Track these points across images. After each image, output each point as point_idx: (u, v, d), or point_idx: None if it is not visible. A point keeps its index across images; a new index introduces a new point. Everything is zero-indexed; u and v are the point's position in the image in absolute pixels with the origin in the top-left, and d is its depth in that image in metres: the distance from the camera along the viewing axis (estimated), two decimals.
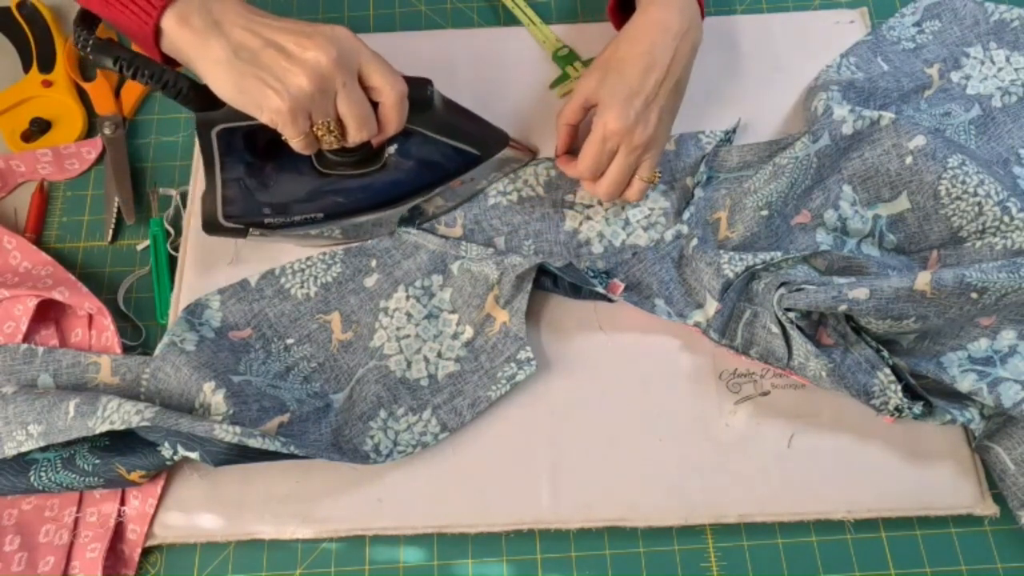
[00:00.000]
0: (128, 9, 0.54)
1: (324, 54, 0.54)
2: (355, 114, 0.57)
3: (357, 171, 0.67)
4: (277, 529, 0.62)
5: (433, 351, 0.67)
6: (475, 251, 0.68)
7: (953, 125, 0.73)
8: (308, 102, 0.55)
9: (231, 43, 0.54)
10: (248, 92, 0.54)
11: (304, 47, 0.54)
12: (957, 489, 0.62)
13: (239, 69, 0.54)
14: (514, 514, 0.62)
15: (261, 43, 0.54)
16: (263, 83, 0.54)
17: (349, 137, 0.58)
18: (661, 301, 0.67)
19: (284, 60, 0.54)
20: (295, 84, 0.54)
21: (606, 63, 0.66)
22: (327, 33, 0.55)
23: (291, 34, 0.55)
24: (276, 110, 0.55)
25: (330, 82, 0.55)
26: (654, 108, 0.65)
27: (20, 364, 0.64)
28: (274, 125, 0.56)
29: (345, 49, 0.55)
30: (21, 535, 0.61)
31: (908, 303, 0.59)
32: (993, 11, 0.79)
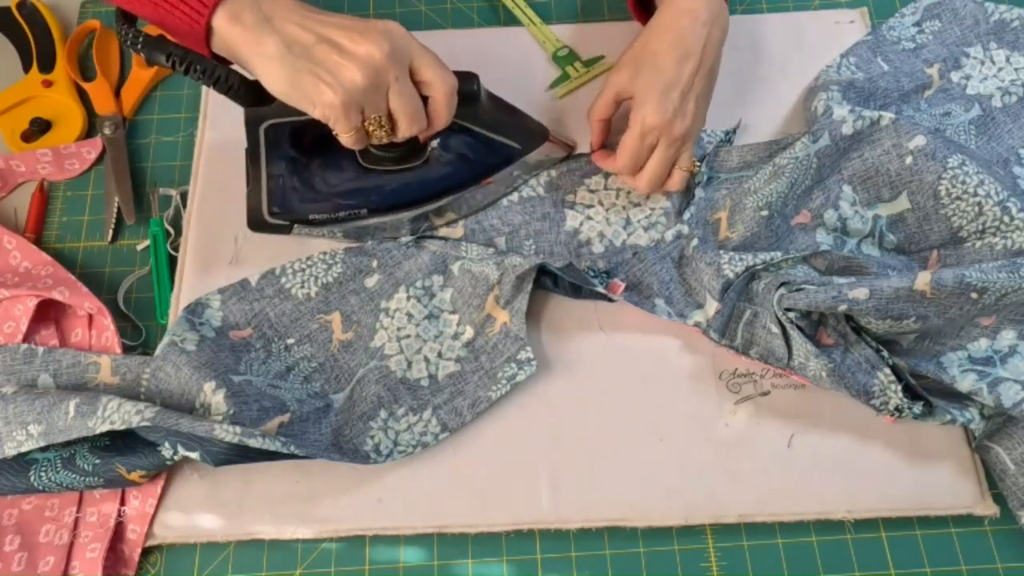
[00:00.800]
0: (178, 9, 0.55)
1: (377, 49, 0.54)
2: (406, 109, 0.57)
3: (401, 166, 0.67)
4: (277, 529, 0.62)
5: (433, 351, 0.67)
6: (475, 251, 0.68)
7: (953, 125, 0.73)
8: (361, 97, 0.55)
9: (284, 39, 0.54)
10: (301, 87, 0.55)
11: (357, 42, 0.54)
12: (957, 489, 0.62)
13: (292, 64, 0.54)
14: (514, 514, 0.62)
15: (314, 38, 0.55)
16: (316, 78, 0.54)
17: (399, 132, 0.59)
18: (661, 301, 0.67)
19: (337, 55, 0.54)
20: (348, 79, 0.54)
21: (637, 57, 0.66)
22: (380, 28, 0.55)
23: (343, 29, 0.55)
24: (329, 104, 0.55)
25: (383, 77, 0.55)
26: (690, 98, 0.65)
27: (20, 364, 0.64)
28: (326, 120, 0.56)
29: (397, 44, 0.56)
30: (21, 535, 0.61)
31: (908, 303, 0.59)
32: (993, 11, 0.79)
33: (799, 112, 0.76)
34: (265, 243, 0.71)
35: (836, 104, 0.68)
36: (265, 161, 0.64)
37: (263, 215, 0.66)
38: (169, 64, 0.56)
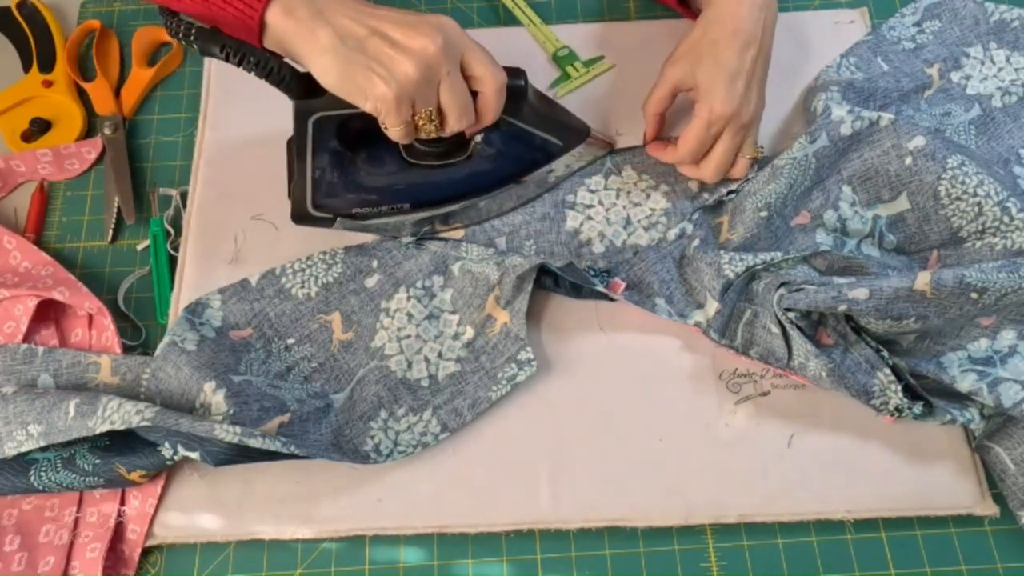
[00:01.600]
0: (231, 6, 0.55)
1: (431, 42, 0.55)
2: (456, 104, 0.57)
3: (444, 161, 0.67)
4: (277, 529, 0.62)
5: (434, 351, 0.67)
6: (476, 252, 0.68)
7: (953, 125, 0.73)
8: (413, 90, 0.55)
9: (337, 31, 0.55)
10: (354, 79, 0.55)
11: (410, 36, 0.55)
12: (957, 489, 0.62)
13: (345, 57, 0.54)
14: (514, 514, 0.62)
15: (367, 31, 0.55)
16: (369, 71, 0.54)
17: (448, 126, 0.59)
18: (662, 300, 0.67)
19: (390, 48, 0.55)
20: (401, 71, 0.54)
21: (694, 48, 0.66)
22: (432, 22, 0.56)
23: (397, 23, 0.55)
24: (381, 97, 0.55)
25: (435, 70, 0.55)
26: (753, 85, 0.66)
27: (20, 364, 0.64)
28: (377, 113, 0.56)
29: (450, 37, 0.56)
30: (21, 535, 0.61)
31: (908, 303, 0.59)
32: (993, 11, 0.79)
33: (799, 112, 0.76)
34: (265, 243, 0.71)
35: (835, 104, 0.68)
36: (311, 154, 0.64)
37: (307, 208, 0.66)
38: (223, 56, 0.56)
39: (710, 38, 0.66)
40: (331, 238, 0.71)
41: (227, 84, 0.78)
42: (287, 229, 0.72)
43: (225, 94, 0.78)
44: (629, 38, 0.81)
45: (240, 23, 0.56)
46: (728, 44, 0.65)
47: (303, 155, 0.64)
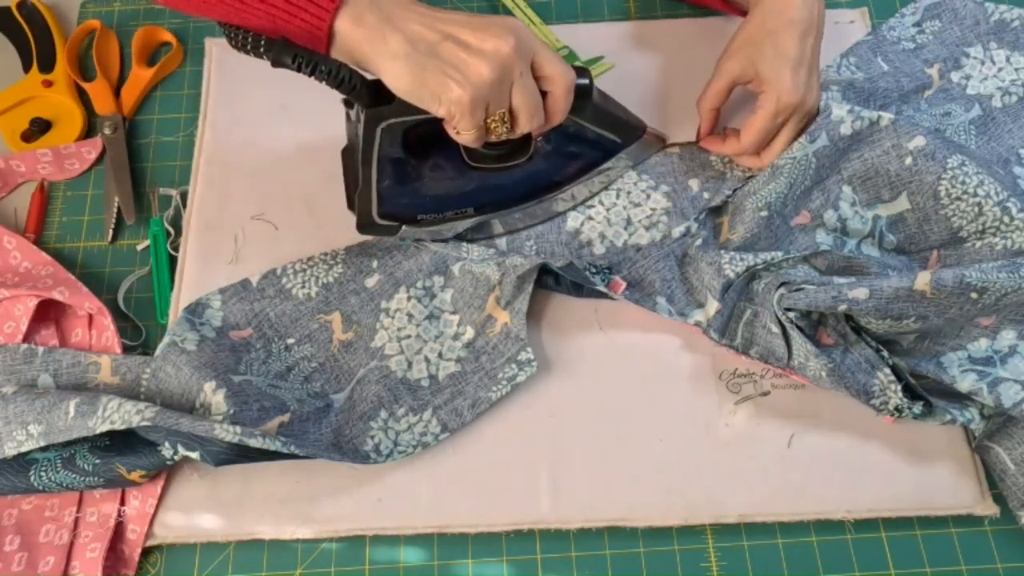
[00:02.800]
0: (297, 18, 0.55)
1: (504, 43, 0.54)
2: (528, 104, 0.57)
3: (506, 164, 0.67)
4: (277, 529, 0.62)
5: (434, 352, 0.67)
6: (476, 252, 0.68)
7: (953, 125, 0.73)
8: (488, 92, 0.55)
9: (408, 37, 0.55)
10: (427, 84, 0.55)
11: (482, 38, 0.55)
12: (957, 489, 0.62)
13: (418, 62, 0.54)
14: (514, 514, 0.62)
15: (438, 36, 0.55)
16: (443, 75, 0.54)
17: (519, 127, 0.59)
18: (662, 299, 0.67)
19: (463, 52, 0.54)
20: (476, 74, 0.54)
21: (753, 40, 0.67)
22: (503, 23, 0.56)
23: (467, 26, 0.55)
24: (456, 101, 0.55)
25: (509, 72, 0.55)
26: (813, 72, 0.67)
27: (20, 364, 0.64)
28: (450, 117, 0.56)
29: (521, 38, 0.56)
30: (21, 535, 0.61)
31: (908, 303, 0.59)
32: (993, 11, 0.79)
33: None
34: (265, 243, 0.71)
35: (835, 104, 0.68)
36: (377, 162, 0.63)
37: (373, 217, 0.66)
38: (294, 66, 0.55)
39: (769, 29, 0.66)
40: (331, 238, 0.71)
41: (227, 84, 0.78)
42: (287, 229, 0.72)
43: (225, 94, 0.78)
44: (629, 38, 0.81)
45: (308, 33, 0.55)
46: (788, 33, 0.65)
47: (369, 163, 0.63)
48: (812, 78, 0.67)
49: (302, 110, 0.77)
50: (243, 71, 0.79)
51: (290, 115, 0.77)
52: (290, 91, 0.78)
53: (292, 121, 0.77)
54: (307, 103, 0.77)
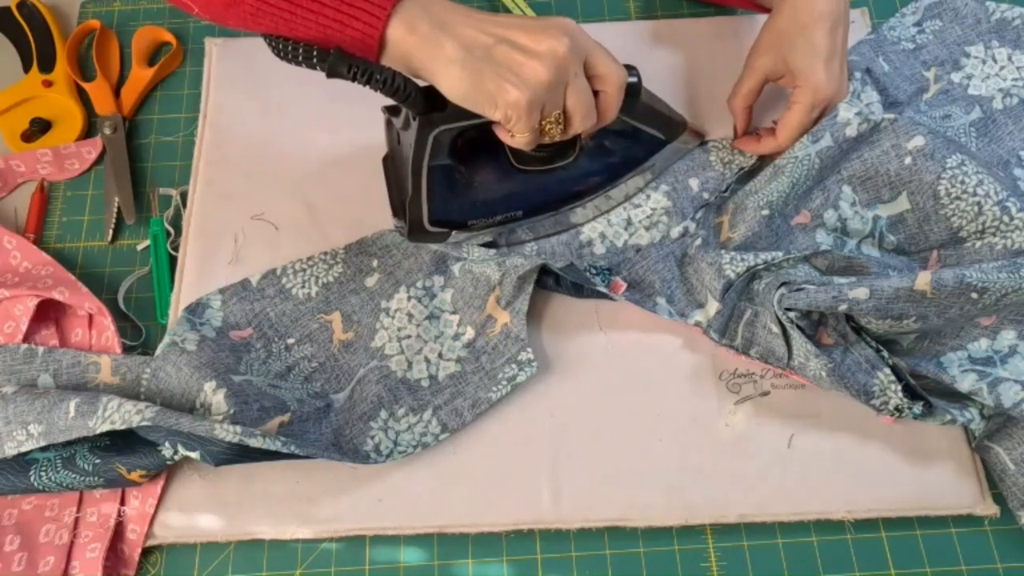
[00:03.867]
0: (349, 27, 0.54)
1: (559, 44, 0.54)
2: (582, 105, 0.57)
3: (552, 165, 0.67)
4: (277, 529, 0.62)
5: (434, 352, 0.67)
6: (476, 252, 0.68)
7: (954, 128, 0.73)
8: (545, 93, 0.55)
9: (463, 42, 0.54)
10: (483, 88, 0.54)
11: (538, 40, 0.54)
12: (957, 489, 0.62)
13: (474, 67, 0.54)
14: (514, 514, 0.62)
15: (493, 39, 0.55)
16: (500, 78, 0.54)
17: (572, 128, 0.59)
18: (663, 300, 0.67)
19: (519, 54, 0.54)
20: (532, 76, 0.54)
21: (782, 35, 0.67)
22: (557, 24, 0.56)
23: (521, 28, 0.55)
24: (514, 103, 0.54)
25: (565, 72, 0.55)
26: (843, 64, 0.68)
27: (20, 364, 0.64)
28: (507, 120, 0.56)
29: (575, 38, 0.56)
30: (21, 535, 0.61)
31: (908, 303, 0.59)
32: (994, 10, 0.79)
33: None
34: (265, 243, 0.71)
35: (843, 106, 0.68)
36: (427, 169, 0.63)
37: (424, 224, 0.66)
38: (350, 76, 0.55)
39: (799, 23, 0.66)
40: (331, 238, 0.71)
41: (227, 84, 0.78)
42: (287, 229, 0.72)
43: (225, 95, 0.78)
44: (629, 38, 0.80)
45: (359, 42, 0.55)
46: (818, 26, 0.65)
47: (419, 170, 0.63)
48: (843, 69, 0.67)
49: (302, 110, 0.77)
50: (243, 71, 0.79)
51: (290, 115, 0.77)
52: (290, 91, 0.78)
53: (292, 121, 0.77)
54: (307, 103, 0.77)
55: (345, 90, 0.77)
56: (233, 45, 0.80)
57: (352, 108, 0.76)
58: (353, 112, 0.75)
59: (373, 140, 0.73)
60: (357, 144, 0.75)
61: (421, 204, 0.65)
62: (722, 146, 0.74)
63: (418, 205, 0.65)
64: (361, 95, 0.77)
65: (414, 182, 0.63)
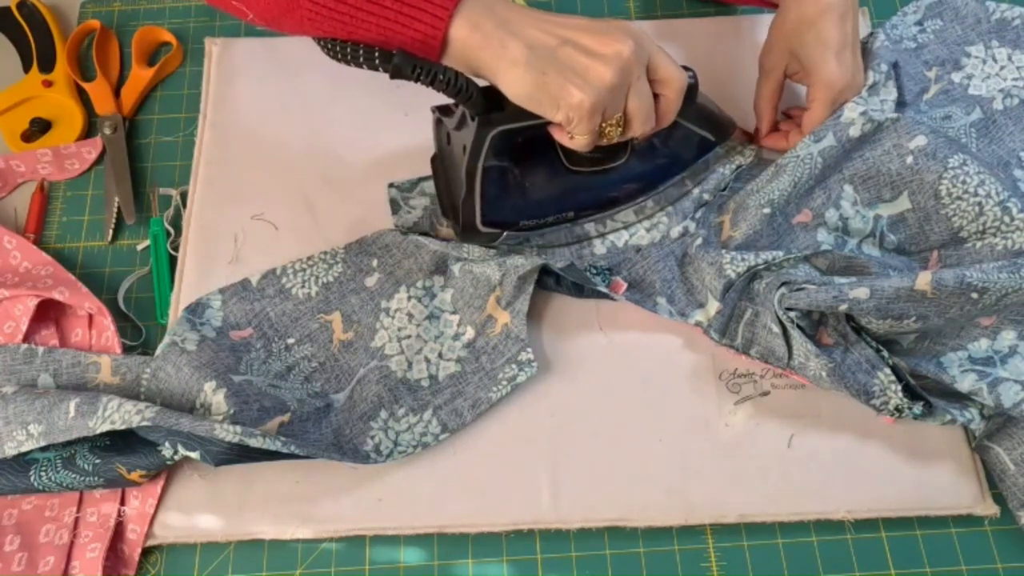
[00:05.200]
0: (411, 28, 0.54)
1: (624, 46, 0.54)
2: (643, 108, 0.57)
3: (605, 166, 0.67)
4: (277, 529, 0.62)
5: (434, 352, 0.67)
6: (477, 252, 0.68)
7: (954, 128, 0.73)
8: (608, 96, 0.55)
9: (527, 43, 0.54)
10: (547, 90, 0.54)
11: (603, 42, 0.54)
12: (957, 489, 0.62)
13: (538, 68, 0.54)
14: (514, 514, 0.62)
15: (557, 41, 0.55)
16: (564, 80, 0.54)
17: (631, 131, 0.59)
18: (663, 299, 0.67)
19: (584, 56, 0.54)
20: (598, 78, 0.54)
21: (790, 31, 0.67)
22: (621, 27, 0.55)
23: (586, 30, 0.55)
24: (577, 106, 0.54)
25: (629, 75, 0.55)
26: (856, 52, 0.67)
27: (20, 364, 0.64)
28: (568, 122, 0.56)
29: (640, 41, 0.56)
30: (21, 535, 0.61)
31: (909, 303, 0.59)
32: (995, 10, 0.78)
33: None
34: (265, 243, 0.71)
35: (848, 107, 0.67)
36: (482, 170, 0.63)
37: (477, 224, 0.66)
38: (413, 76, 0.55)
39: (806, 18, 0.66)
40: (331, 238, 0.71)
41: (227, 84, 0.78)
42: (287, 229, 0.72)
43: (225, 94, 0.78)
44: None
45: (421, 43, 0.55)
46: (826, 19, 0.65)
47: (474, 170, 0.62)
48: (856, 58, 0.67)
49: (302, 110, 0.77)
50: (243, 71, 0.79)
51: (290, 115, 0.77)
52: (290, 92, 0.78)
53: (292, 121, 0.77)
54: (307, 103, 0.77)
55: (345, 90, 0.77)
56: (233, 45, 0.80)
57: (352, 108, 0.76)
58: (353, 112, 0.75)
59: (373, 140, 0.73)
60: (357, 144, 0.75)
61: (475, 204, 0.65)
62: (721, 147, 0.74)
63: (471, 205, 0.65)
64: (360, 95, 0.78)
65: (468, 182, 0.63)
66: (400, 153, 0.74)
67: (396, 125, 0.76)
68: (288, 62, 0.79)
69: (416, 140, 0.75)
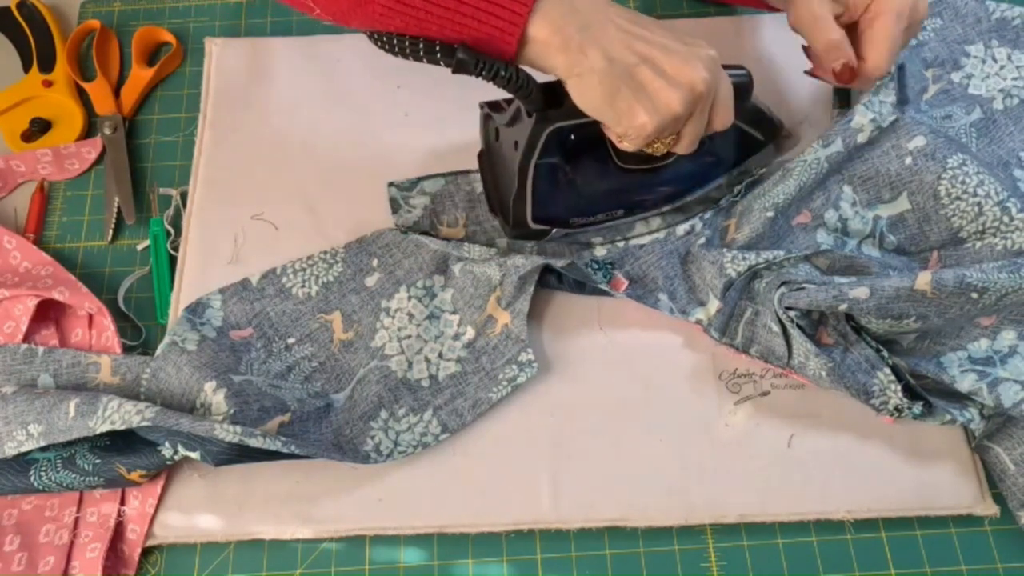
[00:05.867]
0: (486, 24, 0.53)
1: (700, 79, 0.54)
2: (695, 134, 0.58)
3: (655, 164, 0.66)
4: (277, 529, 0.62)
5: (434, 352, 0.67)
6: (477, 252, 0.68)
7: (954, 129, 0.73)
8: (672, 123, 0.55)
9: (606, 54, 0.54)
10: (616, 105, 0.54)
11: (681, 70, 0.54)
12: (957, 489, 0.62)
13: (612, 83, 0.54)
14: (514, 514, 0.62)
15: (637, 59, 0.54)
16: (634, 99, 0.54)
17: (678, 149, 0.59)
18: (664, 296, 0.67)
19: (659, 80, 0.54)
20: (666, 106, 0.54)
21: None
22: (702, 56, 0.55)
23: (667, 52, 0.55)
24: (640, 127, 0.55)
25: (694, 107, 0.55)
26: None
27: (20, 364, 0.64)
28: (625, 136, 0.56)
29: (715, 74, 0.56)
30: (21, 535, 0.61)
31: (909, 303, 0.59)
32: (994, 9, 0.78)
33: (799, 111, 0.76)
34: (265, 243, 0.71)
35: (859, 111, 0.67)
36: (534, 166, 0.62)
37: (527, 221, 0.66)
38: (476, 72, 0.54)
39: None
40: (331, 238, 0.71)
41: (227, 84, 0.78)
42: (287, 229, 0.72)
43: (225, 94, 0.78)
44: None
45: (498, 40, 0.54)
46: None
47: (527, 167, 0.62)
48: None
49: (302, 110, 0.77)
50: (243, 71, 0.79)
51: (290, 115, 0.77)
52: (290, 92, 0.78)
53: (292, 121, 0.77)
54: (307, 103, 0.77)
55: (345, 90, 0.77)
56: (233, 45, 0.80)
57: (352, 108, 0.76)
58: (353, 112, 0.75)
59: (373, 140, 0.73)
60: (357, 144, 0.75)
61: (526, 201, 0.64)
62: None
63: (523, 202, 0.64)
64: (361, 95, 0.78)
65: (520, 179, 0.63)
66: (400, 153, 0.75)
67: (396, 125, 0.76)
68: (288, 62, 0.79)
69: (416, 140, 0.75)
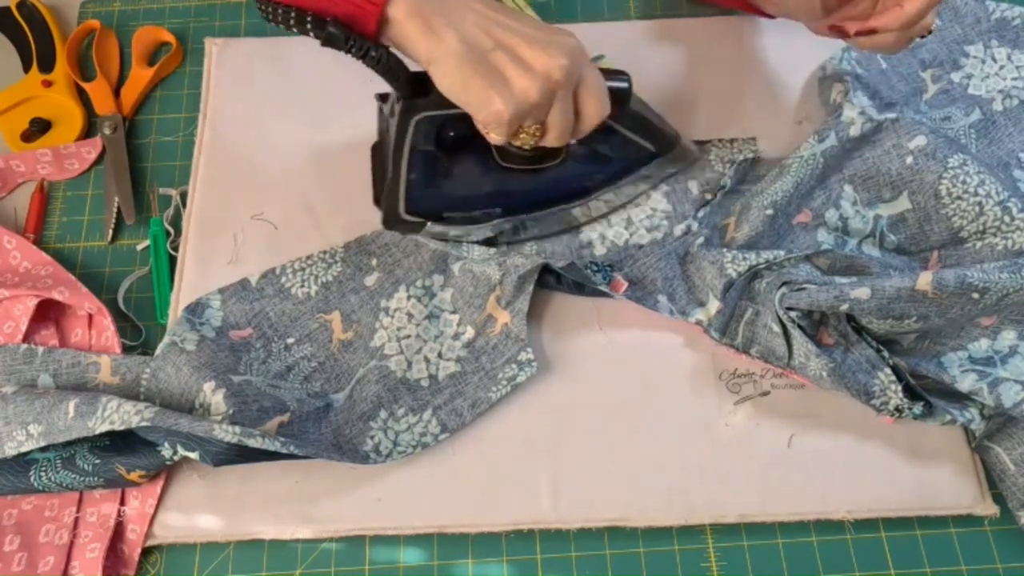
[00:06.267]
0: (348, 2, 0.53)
1: (557, 67, 0.54)
2: (561, 125, 0.57)
3: (538, 166, 0.66)
4: (277, 529, 0.62)
5: (434, 351, 0.67)
6: (477, 251, 0.68)
7: (953, 130, 0.73)
8: (529, 111, 0.55)
9: (463, 37, 0.53)
10: (472, 90, 0.54)
11: (538, 57, 0.54)
12: (957, 489, 0.62)
13: (467, 67, 0.53)
14: (514, 514, 0.62)
15: (492, 44, 0.54)
16: (490, 86, 0.54)
17: (545, 142, 0.59)
18: (664, 297, 0.67)
19: (514, 67, 0.54)
20: (522, 92, 0.54)
21: None
22: (561, 43, 0.55)
23: (524, 39, 0.54)
24: (496, 114, 0.54)
25: (553, 96, 0.55)
26: None
27: (20, 364, 0.64)
28: (484, 126, 0.56)
29: (575, 61, 0.55)
30: (21, 535, 0.61)
31: (909, 303, 0.59)
32: (994, 9, 0.79)
33: (798, 111, 0.76)
34: (265, 243, 0.71)
35: (848, 104, 0.68)
36: (408, 157, 0.62)
37: (399, 212, 0.65)
38: (346, 47, 0.54)
39: None
40: (331, 238, 0.71)
41: (227, 85, 0.78)
42: (287, 229, 0.72)
43: (225, 94, 0.78)
44: (629, 38, 0.80)
45: (359, 18, 0.54)
46: None
47: (399, 156, 0.62)
48: None
49: (302, 110, 0.77)
50: (243, 71, 0.79)
51: (290, 115, 0.77)
52: (290, 92, 0.78)
53: (291, 121, 0.77)
54: (307, 103, 0.77)
55: (345, 90, 0.77)
56: (233, 45, 0.80)
57: (352, 108, 0.76)
58: (353, 112, 0.75)
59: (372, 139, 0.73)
60: (357, 144, 0.75)
61: (399, 191, 0.64)
62: (721, 145, 0.74)
63: (395, 192, 0.64)
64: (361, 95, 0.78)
65: (393, 167, 0.63)
66: None
67: None
68: (288, 62, 0.79)
69: None
